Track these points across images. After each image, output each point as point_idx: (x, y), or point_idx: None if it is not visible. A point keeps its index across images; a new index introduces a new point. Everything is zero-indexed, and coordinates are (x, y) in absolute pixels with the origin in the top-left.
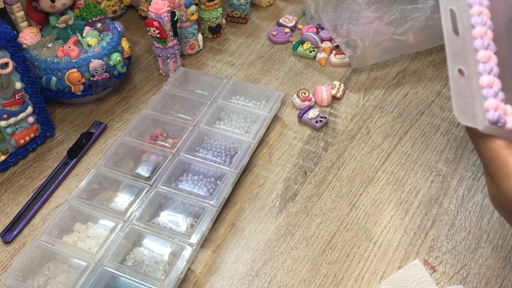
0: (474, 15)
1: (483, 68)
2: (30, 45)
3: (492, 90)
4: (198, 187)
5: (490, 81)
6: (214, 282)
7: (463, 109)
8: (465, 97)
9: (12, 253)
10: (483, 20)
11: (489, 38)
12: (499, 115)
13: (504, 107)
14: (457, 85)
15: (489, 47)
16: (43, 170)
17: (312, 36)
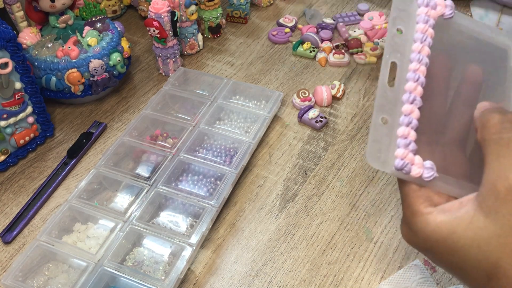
0: (411, 71)
1: (402, 120)
2: (30, 45)
3: (404, 141)
4: (198, 187)
5: (405, 133)
6: (214, 282)
7: (375, 154)
8: (380, 143)
9: (12, 253)
10: (416, 76)
11: (418, 93)
12: (404, 163)
13: (412, 157)
14: (377, 132)
15: (414, 101)
16: (43, 170)
17: (312, 36)
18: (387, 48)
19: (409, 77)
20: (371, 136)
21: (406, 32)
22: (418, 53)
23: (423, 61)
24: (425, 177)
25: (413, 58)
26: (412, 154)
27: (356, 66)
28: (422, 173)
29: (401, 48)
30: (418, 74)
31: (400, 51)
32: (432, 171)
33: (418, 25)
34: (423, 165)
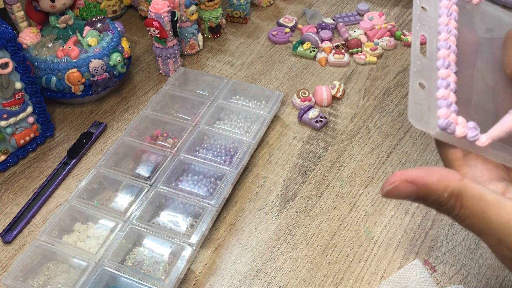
0: (441, 40)
1: (440, 83)
2: (30, 45)
3: (446, 101)
4: (198, 187)
5: (445, 94)
6: (214, 282)
7: (417, 116)
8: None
9: (12, 253)
10: (447, 44)
11: (452, 59)
12: (448, 122)
13: (455, 117)
14: (416, 96)
15: (449, 67)
16: (43, 170)
17: (312, 36)
18: (415, 23)
19: (441, 45)
20: (412, 99)
21: (430, 10)
22: (446, 25)
23: (452, 32)
24: (470, 136)
25: (441, 30)
26: (455, 114)
27: (356, 66)
28: (467, 133)
29: (429, 23)
30: (449, 42)
31: (428, 25)
32: (476, 131)
33: (442, 2)
34: (467, 125)
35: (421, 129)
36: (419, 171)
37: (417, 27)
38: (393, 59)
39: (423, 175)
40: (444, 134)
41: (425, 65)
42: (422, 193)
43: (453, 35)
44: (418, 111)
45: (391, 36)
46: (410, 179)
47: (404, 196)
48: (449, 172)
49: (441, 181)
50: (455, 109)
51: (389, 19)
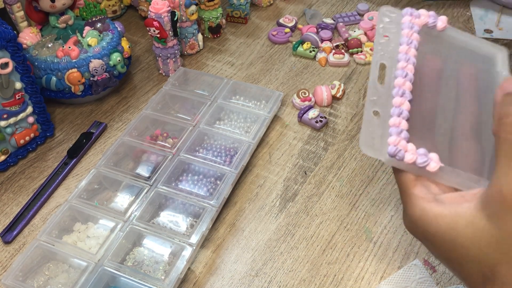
0: (399, 69)
1: (393, 111)
2: (30, 45)
3: (396, 129)
4: (198, 187)
5: (397, 122)
6: (214, 282)
7: (369, 143)
8: (373, 134)
9: (12, 253)
10: (404, 73)
11: (407, 88)
12: (397, 149)
13: (405, 144)
14: (369, 124)
15: (403, 95)
16: (43, 170)
17: (312, 36)
18: (376, 52)
19: (398, 74)
20: (364, 127)
21: (393, 39)
22: (405, 53)
23: (410, 60)
24: (419, 163)
25: (400, 58)
26: (405, 141)
27: (356, 66)
28: (416, 160)
29: (389, 52)
30: (406, 71)
31: (388, 54)
32: (425, 157)
33: (404, 31)
34: (417, 152)
35: (373, 156)
36: None
37: (378, 56)
38: None
39: None
40: (394, 160)
41: (381, 93)
42: None
43: (411, 63)
44: (370, 138)
45: None
46: None
47: None
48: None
49: None
50: (406, 137)
51: None
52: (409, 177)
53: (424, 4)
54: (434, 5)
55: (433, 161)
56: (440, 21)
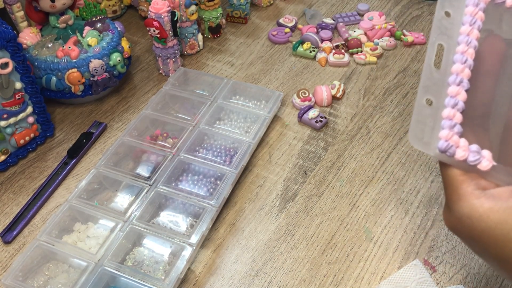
0: (458, 53)
1: (448, 102)
2: (30, 45)
3: (450, 122)
4: (198, 187)
5: (451, 114)
6: (214, 282)
7: (418, 135)
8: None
9: (12, 253)
10: (464, 58)
11: (465, 75)
12: (448, 145)
13: (457, 139)
14: (420, 113)
15: (461, 83)
16: (43, 170)
17: (312, 36)
18: (434, 30)
19: (456, 59)
20: (415, 117)
21: (455, 15)
22: (467, 35)
23: (472, 44)
24: (470, 160)
25: (461, 41)
26: (457, 136)
27: (356, 66)
28: (467, 157)
29: (449, 31)
30: (466, 56)
31: (448, 33)
32: (478, 155)
33: (468, 8)
34: (469, 149)
35: (421, 150)
36: None
37: (435, 35)
38: (393, 59)
39: None
40: (444, 156)
41: (436, 79)
42: None
43: (473, 47)
44: (420, 130)
45: (391, 36)
46: None
47: None
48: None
49: None
50: (459, 131)
51: (389, 19)
52: (457, 172)
53: (424, 4)
54: (434, 5)
55: (485, 159)
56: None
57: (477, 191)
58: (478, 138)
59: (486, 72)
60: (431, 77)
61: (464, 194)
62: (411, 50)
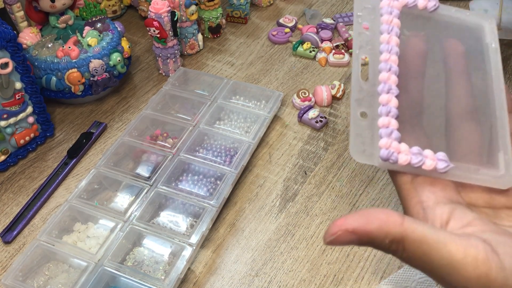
0: (382, 61)
1: (381, 110)
2: (30, 45)
3: (386, 130)
4: (198, 187)
5: (386, 122)
6: (214, 282)
7: (359, 148)
8: (363, 137)
9: (12, 253)
10: (388, 66)
11: (392, 82)
12: (390, 152)
13: (397, 145)
14: (357, 127)
15: (390, 91)
16: (43, 170)
17: (312, 36)
18: (355, 45)
19: (382, 67)
20: (353, 131)
21: (373, 27)
22: (387, 43)
23: (393, 50)
24: (414, 163)
25: (382, 49)
26: (397, 142)
27: None
28: (411, 160)
29: (370, 42)
30: (390, 63)
31: (369, 45)
32: (420, 156)
33: (383, 17)
34: (410, 152)
35: (364, 162)
36: (359, 219)
37: (357, 49)
38: None
39: (363, 224)
40: (388, 164)
41: (366, 91)
42: (364, 240)
43: (395, 54)
44: (360, 143)
45: None
46: (351, 229)
47: (347, 243)
48: (389, 217)
49: (381, 229)
50: (397, 137)
51: None
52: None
53: None
54: None
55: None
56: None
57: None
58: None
59: (411, 74)
60: (361, 90)
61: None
62: None
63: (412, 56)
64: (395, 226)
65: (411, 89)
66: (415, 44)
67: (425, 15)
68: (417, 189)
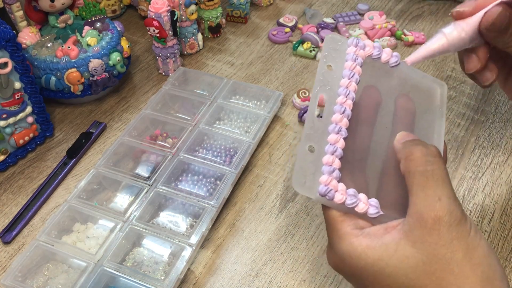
0: (338, 104)
1: (328, 149)
2: (30, 45)
3: (329, 168)
4: (198, 187)
5: (330, 160)
6: (214, 282)
7: (301, 180)
8: (306, 170)
9: (11, 254)
10: (342, 108)
11: (343, 124)
12: (328, 189)
13: (335, 184)
14: (303, 159)
15: (339, 131)
16: (43, 170)
17: (312, 36)
18: (317, 82)
19: (336, 109)
20: (298, 163)
21: (336, 69)
22: (346, 88)
23: (350, 95)
24: (348, 203)
25: (340, 92)
26: (336, 181)
27: None
28: (345, 200)
29: (330, 83)
30: (345, 106)
31: (330, 85)
32: (355, 198)
33: (347, 63)
34: (346, 192)
35: (303, 194)
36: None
37: (317, 88)
38: None
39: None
40: (324, 199)
41: (318, 127)
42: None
43: (351, 99)
44: (302, 175)
45: (391, 36)
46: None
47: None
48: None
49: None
50: (337, 176)
51: (389, 19)
52: (336, 214)
53: (425, 4)
54: (434, 5)
55: (361, 202)
56: (385, 53)
57: (355, 230)
58: (355, 182)
59: (363, 120)
60: (313, 126)
61: (344, 234)
62: (411, 49)
63: (367, 104)
64: None
65: (360, 135)
66: (372, 94)
67: (386, 68)
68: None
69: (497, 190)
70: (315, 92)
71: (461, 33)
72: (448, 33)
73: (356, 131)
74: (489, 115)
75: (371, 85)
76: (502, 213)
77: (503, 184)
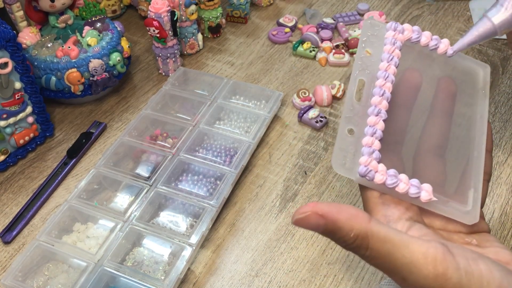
0: (377, 86)
1: (367, 130)
2: (30, 45)
3: (369, 149)
4: (198, 187)
5: (370, 142)
6: (214, 282)
7: (341, 161)
8: (346, 152)
9: (11, 253)
10: (381, 91)
11: (383, 107)
12: (368, 170)
13: (375, 164)
14: (343, 141)
15: (379, 114)
16: (43, 170)
17: (312, 36)
18: (356, 67)
19: (375, 92)
20: (337, 145)
21: (375, 53)
22: (385, 70)
23: (389, 78)
24: (389, 184)
25: (379, 75)
26: (376, 162)
27: None
28: (386, 180)
29: (369, 67)
30: (384, 89)
31: (368, 69)
32: (395, 179)
33: (386, 47)
34: (387, 173)
35: (343, 175)
36: (330, 207)
37: (356, 72)
38: None
39: (333, 211)
40: (365, 180)
41: (357, 110)
42: (330, 228)
43: (390, 81)
44: (342, 157)
45: None
46: (321, 212)
47: (313, 227)
48: (358, 213)
49: (349, 221)
50: (377, 157)
51: (389, 19)
52: (374, 194)
53: (425, 4)
54: (434, 5)
55: (402, 182)
56: (424, 36)
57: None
58: (394, 163)
59: (401, 103)
60: (353, 108)
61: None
62: None
63: (406, 88)
64: (363, 222)
65: (398, 118)
66: (411, 77)
67: (426, 52)
68: (384, 204)
69: (497, 190)
70: (354, 75)
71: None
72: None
73: (395, 113)
74: (489, 115)
75: (413, 68)
76: (502, 213)
77: (502, 184)
